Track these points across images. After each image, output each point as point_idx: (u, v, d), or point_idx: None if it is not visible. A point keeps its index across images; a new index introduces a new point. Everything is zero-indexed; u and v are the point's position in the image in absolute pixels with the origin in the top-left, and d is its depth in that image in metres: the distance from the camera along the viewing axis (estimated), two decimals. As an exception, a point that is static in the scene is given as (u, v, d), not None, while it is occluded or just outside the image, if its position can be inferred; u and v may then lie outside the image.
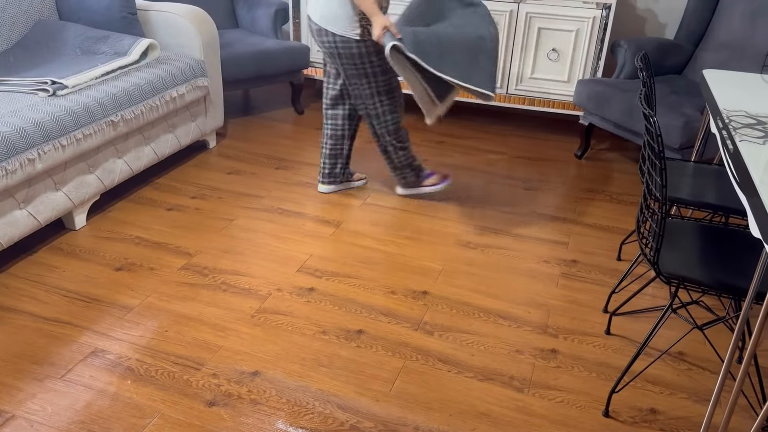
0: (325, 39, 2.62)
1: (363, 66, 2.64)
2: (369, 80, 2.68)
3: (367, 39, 2.57)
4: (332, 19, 2.57)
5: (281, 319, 2.15)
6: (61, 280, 2.30)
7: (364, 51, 2.60)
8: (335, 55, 2.64)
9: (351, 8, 2.53)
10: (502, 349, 2.06)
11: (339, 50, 2.61)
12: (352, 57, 2.62)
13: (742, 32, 3.33)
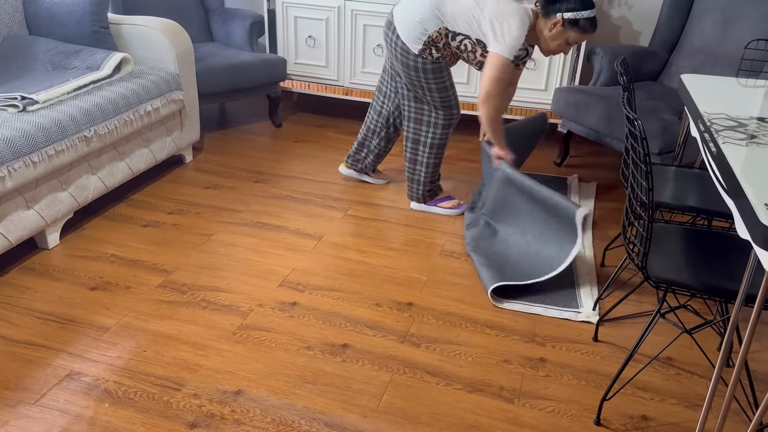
0: (391, 36, 2.65)
1: (418, 78, 2.66)
2: (424, 92, 2.70)
3: (425, 57, 2.59)
4: (405, 25, 2.59)
5: (264, 336, 2.09)
6: (34, 301, 2.22)
7: (420, 67, 2.61)
8: (396, 59, 2.68)
9: (425, 27, 2.56)
10: (491, 359, 2.03)
11: (397, 53, 2.64)
12: (407, 67, 2.65)
13: (714, 38, 3.37)
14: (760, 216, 1.32)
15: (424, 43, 2.57)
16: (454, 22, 2.55)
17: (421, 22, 2.56)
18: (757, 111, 2.01)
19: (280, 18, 3.92)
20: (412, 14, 2.57)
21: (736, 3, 3.32)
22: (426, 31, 2.56)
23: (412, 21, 2.57)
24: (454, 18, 2.54)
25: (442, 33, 2.56)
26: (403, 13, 2.61)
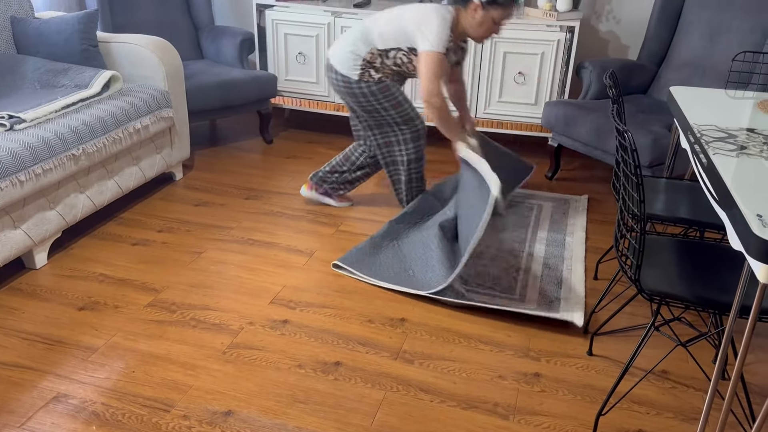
0: (332, 75, 2.74)
1: (369, 103, 2.70)
2: (381, 114, 2.73)
3: (367, 80, 2.65)
4: (340, 59, 2.69)
5: (254, 354, 2.06)
6: (21, 322, 2.19)
7: (366, 91, 2.67)
8: (340, 92, 2.74)
9: (357, 54, 2.65)
10: (485, 375, 2.00)
11: (341, 87, 2.72)
12: (355, 96, 2.70)
13: (702, 51, 3.40)
14: (753, 227, 1.31)
15: (360, 67, 2.64)
16: (383, 40, 2.63)
17: (353, 51, 2.65)
18: (746, 122, 2.02)
19: (270, 35, 3.93)
20: (344, 47, 2.69)
21: (723, 16, 3.35)
22: (359, 56, 2.64)
23: (345, 52, 2.67)
24: (382, 36, 2.63)
25: (374, 53, 2.64)
26: (336, 51, 2.72)
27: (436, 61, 2.53)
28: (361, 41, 2.65)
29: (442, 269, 2.39)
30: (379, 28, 2.64)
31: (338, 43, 2.74)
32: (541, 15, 3.57)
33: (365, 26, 2.68)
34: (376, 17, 2.69)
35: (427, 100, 2.57)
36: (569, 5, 3.51)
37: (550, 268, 2.60)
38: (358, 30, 2.69)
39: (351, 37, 2.69)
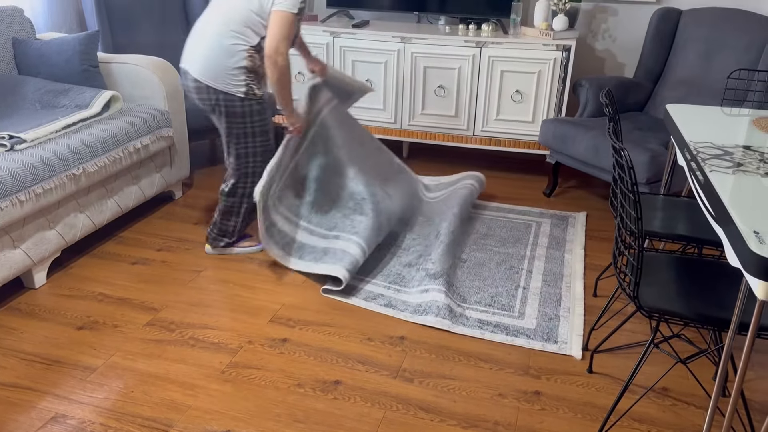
0: (206, 96, 2.50)
1: (244, 124, 2.54)
2: (247, 140, 2.58)
3: (251, 97, 2.50)
4: (214, 73, 2.45)
5: (253, 374, 2.06)
6: (20, 342, 2.18)
7: (248, 110, 2.52)
8: (216, 112, 2.53)
9: (235, 60, 2.44)
10: (485, 394, 1.99)
11: (221, 108, 2.50)
12: (235, 116, 2.52)
13: (698, 69, 3.43)
14: (750, 243, 1.32)
15: (245, 82, 2.48)
16: (252, 33, 2.44)
17: (235, 63, 2.44)
18: (742, 139, 2.03)
19: (270, 55, 3.96)
20: (210, 56, 2.44)
21: (718, 34, 3.39)
22: (241, 68, 2.46)
23: (224, 69, 2.45)
24: (249, 28, 2.43)
25: (252, 55, 2.47)
26: (199, 62, 2.46)
27: (291, 21, 2.39)
28: (234, 48, 2.43)
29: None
30: (240, 17, 2.42)
31: (204, 61, 2.45)
32: (538, 34, 3.60)
33: (223, 25, 2.42)
34: (227, 10, 2.44)
35: (273, 58, 2.38)
36: (565, 24, 3.55)
37: (549, 285, 2.60)
38: (219, 33, 2.43)
39: (219, 49, 2.43)
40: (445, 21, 3.98)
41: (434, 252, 2.70)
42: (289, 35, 2.41)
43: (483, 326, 2.31)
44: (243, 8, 2.42)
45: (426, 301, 2.40)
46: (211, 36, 2.45)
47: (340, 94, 3.06)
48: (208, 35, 2.45)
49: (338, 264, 2.52)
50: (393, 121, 3.88)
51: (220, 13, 2.45)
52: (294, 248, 2.66)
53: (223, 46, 2.43)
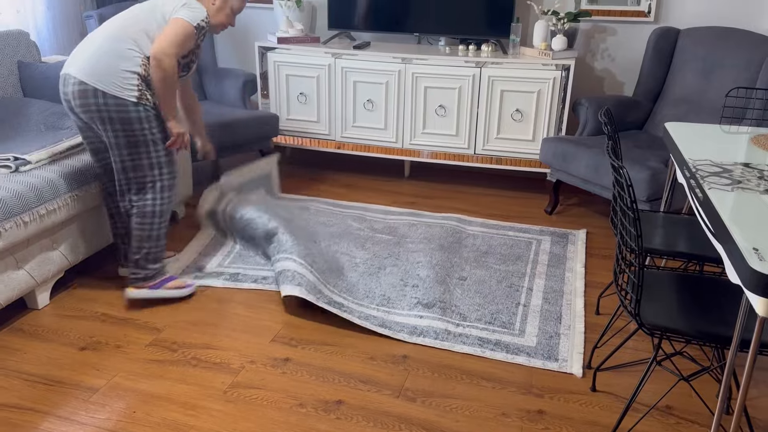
0: (92, 101, 2.25)
1: (142, 131, 2.32)
2: (149, 149, 2.35)
3: (144, 103, 2.31)
4: (103, 75, 2.24)
5: (255, 393, 2.05)
6: (22, 363, 2.18)
7: (143, 116, 2.31)
8: (105, 120, 2.28)
9: (128, 65, 2.27)
10: (488, 413, 1.99)
11: (111, 114, 2.27)
12: (129, 122, 2.29)
13: (697, 87, 3.46)
14: (749, 260, 1.32)
15: (137, 87, 2.28)
16: (150, 43, 2.31)
17: (128, 67, 2.27)
18: (740, 157, 2.04)
19: (272, 76, 4.00)
20: (97, 56, 2.25)
21: (716, 54, 3.42)
22: (134, 73, 2.28)
23: (115, 70, 2.25)
24: (149, 34, 2.31)
25: (146, 64, 2.32)
26: (84, 63, 2.26)
27: (187, 31, 2.27)
28: (128, 53, 2.27)
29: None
30: (139, 26, 2.31)
31: (93, 63, 2.25)
32: (537, 54, 3.64)
33: (120, 29, 2.29)
34: (127, 17, 2.34)
35: (160, 58, 2.23)
36: (564, 44, 3.58)
37: (550, 303, 2.60)
38: (112, 36, 2.28)
39: (112, 51, 2.26)
40: (445, 42, 4.03)
41: (422, 281, 2.71)
42: (181, 43, 2.27)
43: (483, 344, 2.31)
44: (144, 18, 2.32)
45: (423, 325, 2.41)
46: (102, 39, 2.28)
47: (251, 185, 3.09)
48: (99, 39, 2.29)
49: (288, 284, 2.50)
50: (394, 141, 3.91)
51: (117, 22, 2.32)
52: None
53: (116, 49, 2.26)
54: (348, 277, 2.74)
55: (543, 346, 2.31)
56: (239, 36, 4.53)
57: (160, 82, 2.28)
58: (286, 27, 4.03)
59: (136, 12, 2.34)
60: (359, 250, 3.02)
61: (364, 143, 3.98)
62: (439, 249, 3.02)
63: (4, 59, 3.09)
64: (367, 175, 4.19)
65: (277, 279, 2.58)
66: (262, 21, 4.45)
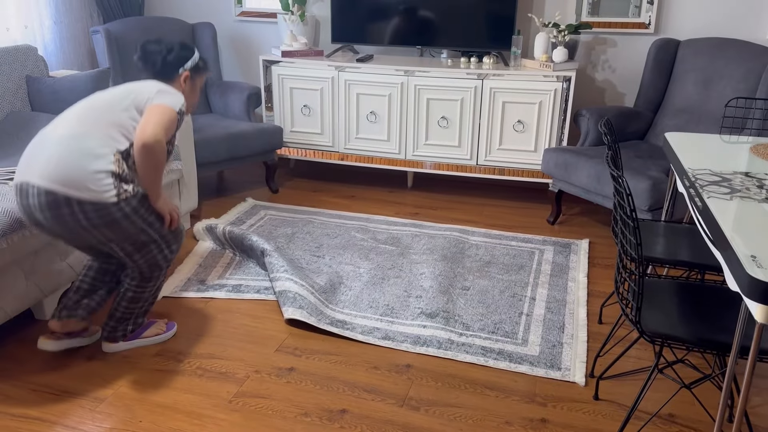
0: (66, 210, 1.95)
1: (135, 224, 2.07)
2: (148, 233, 2.13)
3: (124, 197, 2.02)
4: (71, 180, 1.94)
5: (260, 403, 2.07)
6: (29, 373, 2.21)
7: (129, 210, 2.03)
8: (87, 228, 2.00)
9: (100, 164, 1.98)
10: (491, 422, 2.00)
11: (93, 221, 1.98)
12: (116, 223, 2.02)
13: (697, 98, 3.49)
14: (747, 267, 1.34)
15: (113, 185, 1.98)
16: (123, 134, 2.06)
17: (100, 167, 1.97)
18: (740, 166, 2.07)
19: (277, 89, 4.05)
20: (77, 165, 1.95)
21: (716, 64, 3.45)
22: (107, 173, 1.98)
23: (86, 173, 1.95)
24: (122, 128, 2.06)
25: (119, 159, 2.03)
26: (50, 169, 1.95)
27: (171, 116, 2.08)
28: (96, 150, 1.99)
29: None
30: (107, 117, 2.06)
31: (48, 155, 1.97)
32: (538, 66, 3.68)
33: (84, 124, 2.03)
34: (89, 109, 2.08)
35: (152, 144, 1.99)
36: (565, 56, 3.62)
37: (553, 312, 2.61)
38: (76, 133, 2.01)
39: (74, 145, 1.98)
40: (447, 54, 4.07)
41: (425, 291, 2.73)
42: (168, 128, 2.06)
43: (487, 353, 2.33)
44: (112, 108, 2.07)
45: (426, 334, 2.42)
46: (64, 139, 2.00)
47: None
48: (59, 139, 2.00)
49: (289, 306, 2.54)
50: (397, 152, 3.94)
51: (78, 115, 2.07)
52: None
53: (84, 148, 1.98)
54: (352, 288, 2.76)
55: (546, 355, 2.32)
56: (244, 50, 4.58)
57: (152, 170, 2.05)
58: (290, 41, 4.08)
59: (100, 102, 2.10)
60: (363, 260, 3.04)
61: (368, 155, 4.01)
62: (442, 259, 3.04)
63: (13, 74, 3.14)
64: (370, 186, 4.22)
65: (279, 298, 2.61)
66: (267, 35, 4.50)
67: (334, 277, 2.84)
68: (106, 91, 2.17)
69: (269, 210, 3.71)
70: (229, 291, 2.76)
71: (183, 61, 2.27)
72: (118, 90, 2.15)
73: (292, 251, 3.14)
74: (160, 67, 2.25)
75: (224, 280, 2.86)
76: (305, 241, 3.27)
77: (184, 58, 2.28)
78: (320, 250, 3.15)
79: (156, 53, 2.24)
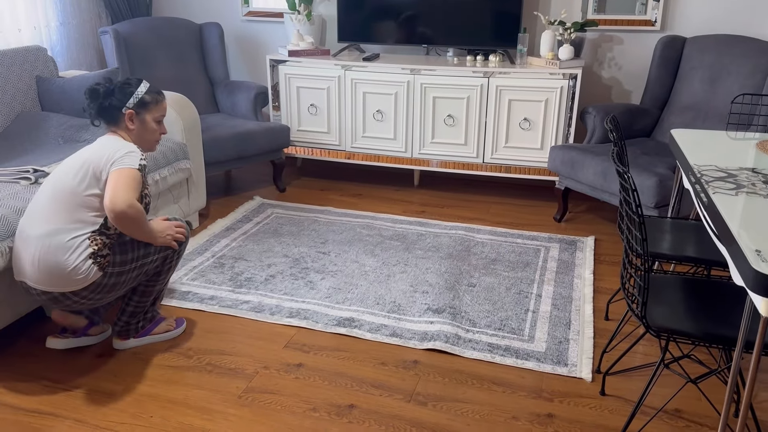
0: (69, 302, 2.12)
1: (130, 270, 2.16)
2: (142, 263, 2.19)
3: (109, 261, 2.10)
4: (59, 279, 2.05)
5: (269, 398, 2.09)
6: (42, 368, 2.24)
7: (117, 269, 2.12)
8: (92, 300, 2.15)
9: (78, 254, 2.04)
10: (498, 417, 2.01)
11: (93, 298, 2.14)
12: (113, 280, 2.13)
13: (703, 95, 3.49)
14: (752, 262, 1.35)
15: (96, 263, 2.07)
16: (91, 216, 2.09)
17: (78, 258, 2.04)
18: (745, 162, 2.07)
19: (284, 88, 4.07)
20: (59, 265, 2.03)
21: (722, 61, 3.45)
22: (87, 257, 2.05)
23: (68, 268, 2.03)
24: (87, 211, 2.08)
25: (95, 239, 2.08)
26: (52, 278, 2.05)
27: (135, 175, 2.07)
28: (70, 244, 2.04)
29: None
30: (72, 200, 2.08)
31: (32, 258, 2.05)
32: (544, 64, 3.69)
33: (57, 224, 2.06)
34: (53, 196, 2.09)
35: (124, 211, 2.00)
36: (571, 54, 3.63)
37: (559, 309, 2.63)
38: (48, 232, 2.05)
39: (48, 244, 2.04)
40: (453, 53, 4.08)
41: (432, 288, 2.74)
42: (135, 188, 2.06)
43: (493, 350, 2.34)
44: (74, 193, 2.08)
45: (433, 330, 2.44)
46: (40, 239, 2.05)
47: None
48: (36, 239, 2.06)
49: (294, 317, 2.54)
50: (404, 150, 3.96)
51: (46, 208, 2.09)
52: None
53: (61, 246, 2.03)
54: (358, 286, 2.78)
55: (552, 351, 2.34)
56: (251, 49, 4.61)
57: (137, 229, 2.10)
58: (297, 40, 4.10)
59: (61, 188, 2.10)
60: (369, 257, 3.06)
61: (374, 153, 4.03)
62: (447, 257, 3.06)
63: (23, 74, 3.18)
64: (377, 184, 4.24)
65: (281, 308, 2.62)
66: (273, 34, 4.53)
67: (339, 276, 2.86)
68: (63, 166, 2.14)
69: (276, 208, 3.73)
70: (235, 287, 2.79)
71: (124, 101, 2.18)
72: (75, 164, 2.12)
73: (297, 248, 3.16)
74: (103, 113, 2.20)
75: (231, 278, 2.89)
76: (311, 238, 3.29)
77: (125, 96, 2.19)
78: (325, 246, 3.18)
79: (95, 99, 2.19)
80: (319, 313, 2.57)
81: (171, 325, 2.45)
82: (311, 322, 2.51)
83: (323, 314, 2.56)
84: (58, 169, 2.17)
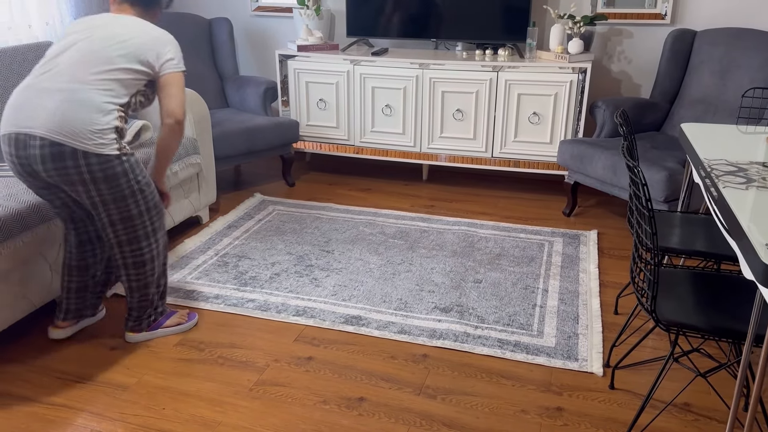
0: (71, 163, 1.98)
1: (129, 185, 2.10)
2: (136, 198, 2.13)
3: (126, 152, 2.09)
4: (78, 132, 1.97)
5: (280, 391, 2.11)
6: (56, 361, 2.27)
7: (127, 167, 2.08)
8: (87, 182, 2.02)
9: (107, 120, 2.03)
10: (507, 410, 2.03)
11: (95, 174, 2.02)
12: (116, 177, 2.06)
13: (713, 88, 3.47)
14: (762, 255, 1.35)
15: (116, 140, 2.05)
16: (124, 87, 2.09)
17: (107, 123, 2.02)
18: (756, 156, 2.07)
19: (292, 83, 4.09)
20: (85, 119, 1.98)
21: (732, 54, 3.43)
22: (112, 128, 2.04)
23: (93, 126, 1.99)
24: (120, 83, 2.08)
25: (122, 115, 2.10)
26: (51, 119, 1.96)
27: (183, 80, 2.21)
28: (101, 106, 2.02)
29: None
30: (107, 67, 2.06)
31: (54, 105, 1.97)
32: (554, 57, 3.68)
33: (87, 74, 2.03)
34: (89, 55, 2.06)
35: (183, 122, 2.18)
36: (580, 48, 3.62)
37: (566, 303, 2.63)
38: (82, 84, 2.02)
39: (81, 97, 2.00)
40: (462, 47, 4.08)
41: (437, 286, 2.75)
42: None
43: (503, 345, 2.35)
44: (110, 60, 2.06)
45: (442, 328, 2.45)
46: (66, 92, 1.99)
47: None
48: (60, 91, 2.00)
49: (300, 315, 2.54)
50: (412, 145, 3.96)
51: (73, 67, 2.04)
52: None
53: (91, 101, 2.00)
54: (364, 283, 2.79)
55: (562, 346, 2.34)
56: (260, 44, 4.62)
57: (177, 144, 2.23)
58: (306, 35, 4.11)
59: (94, 53, 2.06)
60: (373, 255, 3.07)
61: (383, 148, 4.04)
62: (452, 254, 3.07)
63: (35, 70, 3.20)
64: (385, 179, 4.25)
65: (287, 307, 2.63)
66: (282, 29, 4.54)
67: (344, 274, 2.87)
68: (90, 38, 2.09)
69: (277, 205, 3.74)
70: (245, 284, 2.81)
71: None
72: (105, 35, 2.09)
73: (301, 245, 3.17)
74: (150, 3, 2.26)
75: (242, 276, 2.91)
76: (314, 236, 3.30)
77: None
78: (329, 245, 3.19)
79: None
80: (326, 311, 2.58)
81: (183, 319, 2.47)
82: (318, 320, 2.52)
83: (330, 312, 2.57)
84: (75, 38, 2.09)
